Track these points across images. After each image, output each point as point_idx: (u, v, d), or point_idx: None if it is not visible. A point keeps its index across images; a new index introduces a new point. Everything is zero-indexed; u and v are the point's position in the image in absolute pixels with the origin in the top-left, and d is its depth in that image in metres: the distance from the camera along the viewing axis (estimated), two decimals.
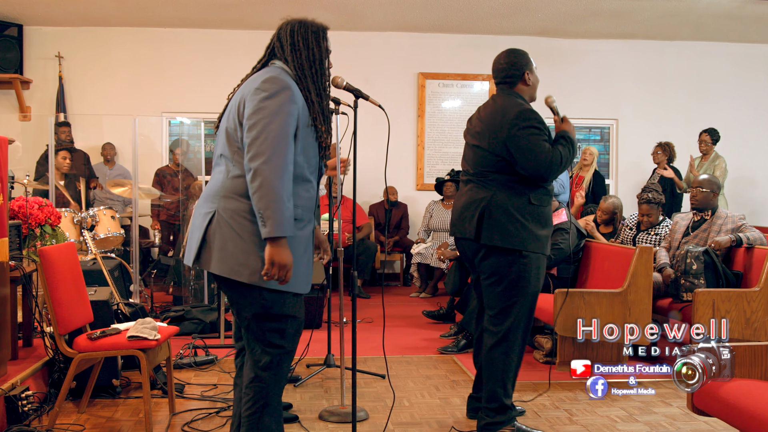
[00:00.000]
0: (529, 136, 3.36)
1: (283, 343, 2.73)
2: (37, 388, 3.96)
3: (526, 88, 3.57)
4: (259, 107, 2.59)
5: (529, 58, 3.61)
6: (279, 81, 2.64)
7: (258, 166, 2.53)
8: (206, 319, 5.86)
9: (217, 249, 2.66)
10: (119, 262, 6.14)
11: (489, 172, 3.48)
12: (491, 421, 3.49)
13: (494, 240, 3.40)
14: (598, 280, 5.35)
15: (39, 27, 8.98)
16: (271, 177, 2.53)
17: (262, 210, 2.53)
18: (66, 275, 3.65)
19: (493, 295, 3.49)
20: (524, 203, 3.42)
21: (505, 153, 3.40)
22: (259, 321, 2.70)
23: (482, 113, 3.64)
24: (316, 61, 2.78)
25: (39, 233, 4.74)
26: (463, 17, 8.71)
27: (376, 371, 4.72)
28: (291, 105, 2.62)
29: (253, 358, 2.75)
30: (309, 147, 2.73)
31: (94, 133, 8.98)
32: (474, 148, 3.59)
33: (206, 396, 4.24)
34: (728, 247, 5.16)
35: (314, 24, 2.84)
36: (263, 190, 2.53)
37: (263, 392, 2.72)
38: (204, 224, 2.70)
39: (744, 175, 9.63)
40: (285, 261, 2.56)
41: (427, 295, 8.17)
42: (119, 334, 3.66)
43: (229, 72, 4.59)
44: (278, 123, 2.57)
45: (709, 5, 8.18)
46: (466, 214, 3.50)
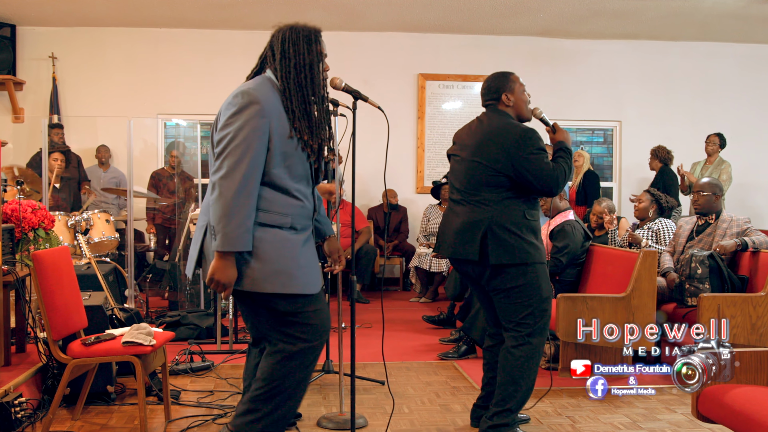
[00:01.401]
0: (538, 158, 3.48)
1: (300, 338, 2.79)
2: (31, 395, 3.96)
3: (508, 109, 3.67)
4: (226, 123, 2.67)
5: (508, 79, 3.69)
6: (248, 95, 2.68)
7: (217, 180, 2.63)
8: (202, 324, 5.86)
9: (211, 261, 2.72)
10: (114, 266, 6.15)
11: (484, 187, 3.55)
12: (494, 424, 3.52)
13: (502, 259, 3.48)
14: (601, 285, 5.36)
15: (32, 27, 9.00)
16: (226, 192, 2.60)
17: (214, 224, 2.63)
18: (60, 280, 3.66)
19: (509, 308, 3.58)
20: (520, 218, 3.53)
21: (511, 171, 3.49)
22: (271, 323, 2.80)
23: (473, 129, 3.73)
24: (306, 67, 2.81)
25: (32, 237, 4.75)
26: (463, 17, 8.72)
27: (375, 377, 4.73)
28: (258, 119, 2.66)
29: (272, 350, 2.81)
30: (292, 156, 2.76)
31: (89, 136, 9.01)
32: (468, 162, 3.64)
33: (202, 403, 4.24)
34: (733, 251, 5.17)
35: (305, 28, 2.86)
36: (217, 205, 2.62)
37: (282, 375, 2.77)
38: (200, 237, 2.81)
39: (750, 178, 9.64)
40: (225, 279, 2.65)
41: (427, 299, 8.18)
42: (114, 340, 3.66)
43: (226, 73, 4.63)
44: (241, 138, 2.63)
45: (714, 5, 8.20)
46: (466, 237, 3.57)
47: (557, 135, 3.72)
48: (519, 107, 3.68)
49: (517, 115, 3.68)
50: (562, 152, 3.64)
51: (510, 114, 3.66)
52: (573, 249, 5.52)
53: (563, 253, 5.48)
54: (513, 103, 3.66)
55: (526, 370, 3.55)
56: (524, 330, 3.55)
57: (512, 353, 3.56)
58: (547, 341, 5.15)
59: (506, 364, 3.58)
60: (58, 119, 8.75)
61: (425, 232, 8.56)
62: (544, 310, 3.58)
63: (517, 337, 3.57)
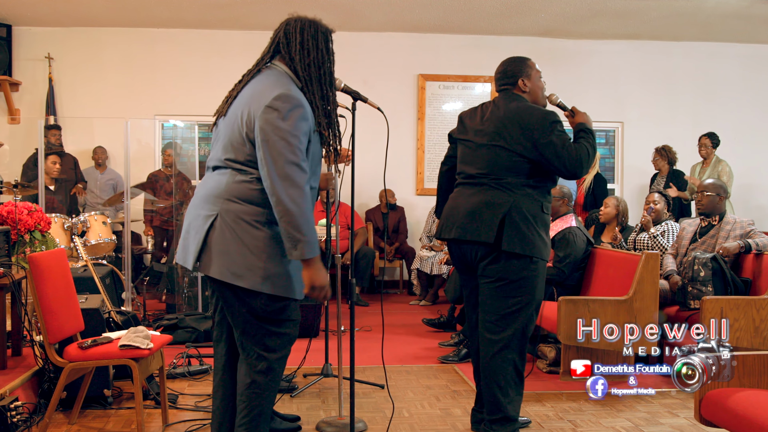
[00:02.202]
0: (562, 139, 3.44)
1: (279, 347, 2.79)
2: (27, 399, 3.96)
3: (524, 94, 3.64)
4: (274, 127, 2.61)
5: (525, 65, 3.68)
6: (291, 99, 2.65)
7: (281, 190, 2.58)
8: (200, 327, 5.86)
9: (217, 253, 2.69)
10: (111, 269, 6.15)
11: (509, 173, 3.48)
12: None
13: (515, 247, 3.41)
14: (603, 288, 5.36)
15: (28, 27, 9.00)
16: (298, 200, 2.59)
17: (291, 233, 2.60)
18: (56, 283, 3.66)
19: (497, 299, 3.48)
20: (538, 211, 3.49)
21: (535, 154, 3.45)
22: (259, 325, 2.76)
23: (489, 114, 3.62)
24: (324, 64, 2.81)
25: (28, 239, 4.75)
26: (464, 17, 8.73)
27: (374, 381, 4.73)
28: (303, 123, 2.66)
29: (248, 362, 2.80)
30: (314, 154, 2.77)
31: (85, 137, 9.01)
32: (488, 148, 3.55)
33: (200, 407, 4.24)
34: (737, 254, 5.17)
35: (323, 25, 2.86)
36: (290, 215, 2.59)
37: (259, 398, 2.78)
38: (205, 227, 2.72)
39: (754, 179, 9.65)
40: (323, 282, 2.68)
41: (428, 302, 8.18)
42: (111, 343, 3.66)
43: (224, 73, 4.62)
44: (295, 145, 2.61)
45: (717, 5, 8.21)
46: (484, 217, 3.47)
47: (577, 117, 3.66)
48: (535, 93, 3.66)
49: (533, 101, 3.65)
50: (583, 133, 3.58)
51: (526, 99, 3.62)
52: (575, 257, 5.52)
53: (565, 263, 5.48)
54: (529, 89, 3.64)
55: (510, 373, 3.46)
56: (503, 332, 3.44)
57: (493, 363, 3.46)
58: (549, 344, 5.17)
59: (488, 375, 3.48)
60: (54, 120, 8.75)
61: (429, 233, 8.56)
62: (531, 314, 3.49)
63: (493, 343, 3.46)
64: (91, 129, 9.04)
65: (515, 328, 3.46)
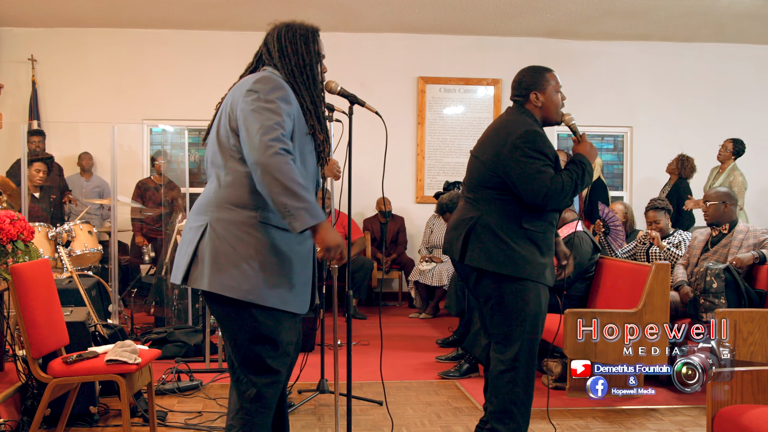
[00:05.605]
0: (528, 162, 3.35)
1: (272, 368, 2.74)
2: (9, 416, 3.97)
3: (536, 109, 3.55)
4: (253, 107, 2.59)
5: (543, 77, 3.56)
6: (271, 80, 2.68)
7: (265, 159, 2.51)
8: (190, 341, 5.87)
9: (208, 264, 2.65)
10: (97, 280, 6.15)
11: (481, 187, 3.49)
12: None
13: (480, 262, 3.40)
14: (611, 299, 5.37)
15: (10, 28, 9.04)
16: (283, 167, 2.51)
17: (286, 204, 2.51)
18: (40, 294, 3.67)
19: (493, 320, 3.49)
20: (514, 226, 3.40)
21: (501, 172, 3.41)
22: (250, 343, 2.71)
23: (491, 126, 3.66)
24: (306, 67, 2.81)
25: (11, 249, 4.74)
26: (466, 17, 8.77)
27: (372, 397, 4.74)
28: (284, 104, 2.64)
29: (238, 388, 2.77)
30: (306, 155, 2.76)
31: (70, 142, 9.01)
32: (473, 159, 3.61)
33: (190, 424, 4.25)
34: (751, 264, 5.18)
35: (302, 27, 2.86)
36: (279, 184, 2.50)
37: (250, 423, 2.75)
38: (195, 238, 2.69)
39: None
40: (338, 240, 2.60)
41: (428, 315, 8.18)
42: (97, 358, 3.67)
43: (215, 76, 4.64)
44: (276, 120, 2.57)
45: (730, 4, 8.25)
46: (455, 234, 3.52)
47: (579, 146, 3.57)
48: (548, 109, 3.55)
49: (544, 117, 3.55)
50: (573, 165, 3.46)
51: (534, 114, 3.53)
52: (580, 262, 5.53)
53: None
54: (542, 104, 3.53)
55: (516, 393, 3.42)
56: (507, 352, 3.42)
57: (499, 381, 3.44)
58: (554, 359, 5.17)
59: (495, 392, 3.47)
60: (38, 125, 8.75)
61: (428, 244, 8.55)
62: (528, 333, 3.41)
63: (501, 362, 3.44)
64: (77, 134, 9.05)
65: (518, 347, 3.43)
